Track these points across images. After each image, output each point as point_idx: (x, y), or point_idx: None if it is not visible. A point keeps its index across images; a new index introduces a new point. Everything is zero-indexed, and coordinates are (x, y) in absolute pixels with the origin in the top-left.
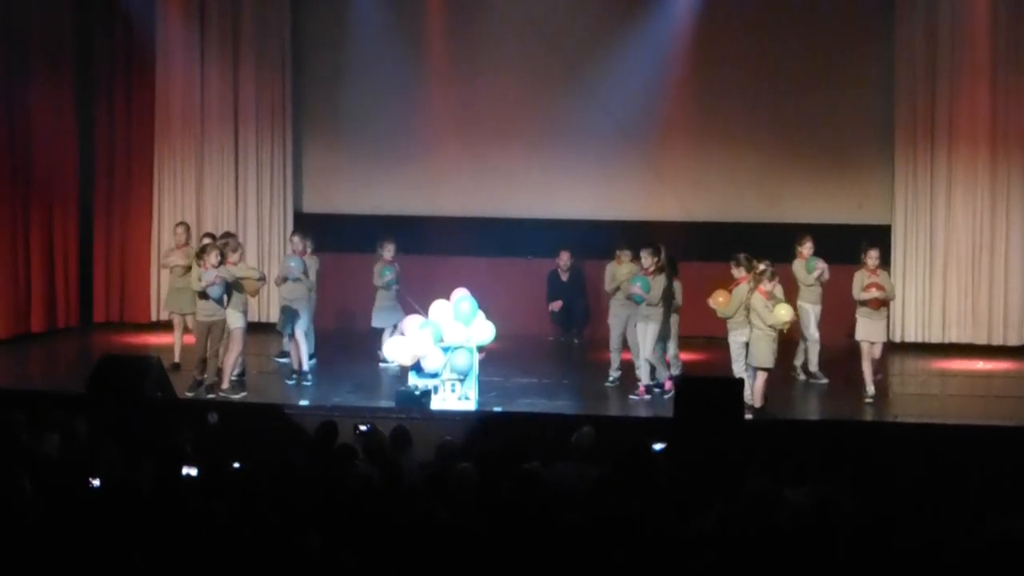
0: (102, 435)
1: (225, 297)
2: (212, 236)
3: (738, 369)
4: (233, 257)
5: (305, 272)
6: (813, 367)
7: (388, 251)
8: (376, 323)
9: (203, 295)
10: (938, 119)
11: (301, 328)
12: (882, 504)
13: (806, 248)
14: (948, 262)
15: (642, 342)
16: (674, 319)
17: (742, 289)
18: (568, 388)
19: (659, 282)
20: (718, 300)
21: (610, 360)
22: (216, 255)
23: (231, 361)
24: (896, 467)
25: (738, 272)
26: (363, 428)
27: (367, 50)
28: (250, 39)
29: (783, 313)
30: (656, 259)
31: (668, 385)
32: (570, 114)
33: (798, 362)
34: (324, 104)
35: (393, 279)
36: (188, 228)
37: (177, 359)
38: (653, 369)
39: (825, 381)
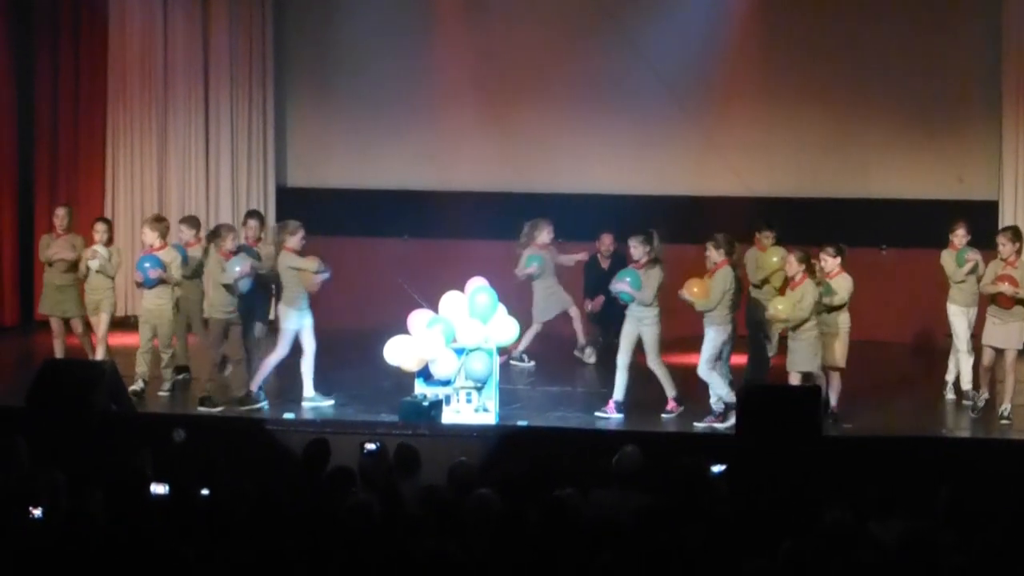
0: (45, 456)
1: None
2: (195, 220)
3: (706, 371)
4: (292, 242)
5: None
6: (965, 384)
7: (546, 234)
8: (542, 317)
9: (227, 288)
10: None
11: (256, 335)
12: (988, 540)
13: (958, 236)
14: None
15: (649, 350)
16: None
17: (724, 275)
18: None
19: (653, 277)
20: (692, 291)
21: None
22: (232, 239)
23: (270, 364)
24: (1007, 495)
25: (717, 255)
26: (370, 447)
27: None
28: None
29: (780, 308)
30: (648, 248)
31: (672, 405)
32: (609, 70)
33: (950, 377)
34: (313, 56)
35: (538, 271)
36: (70, 211)
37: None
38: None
39: (983, 403)
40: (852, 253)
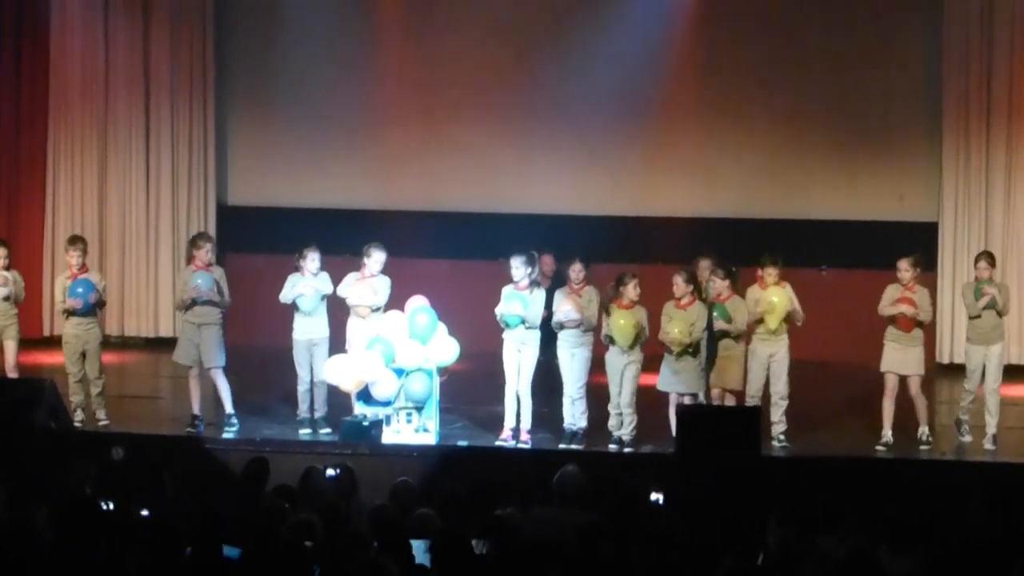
0: None
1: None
2: (208, 236)
3: (582, 393)
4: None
5: (220, 290)
6: (964, 414)
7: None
8: None
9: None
10: (995, 95)
11: (221, 361)
12: (927, 557)
13: (979, 268)
14: (1007, 266)
15: (524, 374)
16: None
17: (594, 294)
18: (549, 419)
19: (537, 299)
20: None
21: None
22: (312, 260)
23: None
24: (945, 512)
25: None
26: (332, 472)
27: (307, 10)
28: None
29: (676, 331)
30: (530, 269)
31: (524, 436)
32: (551, 89)
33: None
34: (254, 73)
35: None
36: None
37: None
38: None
39: (968, 439)
40: (793, 273)
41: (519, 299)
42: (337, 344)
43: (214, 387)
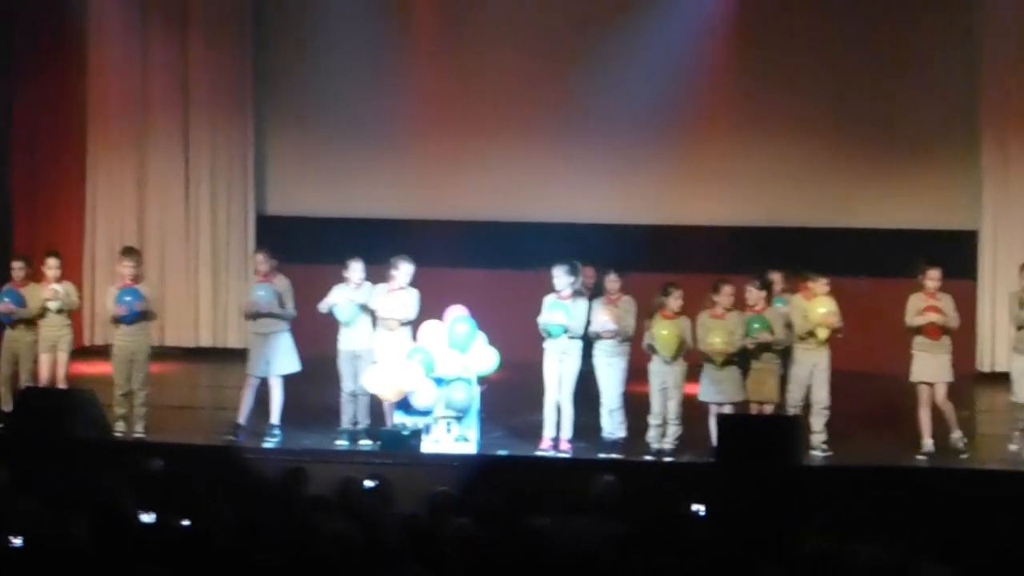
0: (25, 484)
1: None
2: (262, 247)
3: (621, 403)
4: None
5: (281, 301)
6: (1022, 424)
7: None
8: None
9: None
10: None
11: (281, 371)
12: (966, 567)
13: None
14: None
15: (565, 384)
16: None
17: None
18: (586, 428)
19: (580, 308)
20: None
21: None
22: (355, 271)
23: None
24: (984, 522)
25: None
26: (369, 484)
27: (343, 23)
28: (202, 8)
29: (717, 341)
30: (573, 279)
31: (565, 445)
32: (587, 98)
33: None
34: (292, 84)
35: None
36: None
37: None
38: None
39: (1015, 448)
40: (831, 283)
41: (562, 308)
42: None
43: (266, 399)
